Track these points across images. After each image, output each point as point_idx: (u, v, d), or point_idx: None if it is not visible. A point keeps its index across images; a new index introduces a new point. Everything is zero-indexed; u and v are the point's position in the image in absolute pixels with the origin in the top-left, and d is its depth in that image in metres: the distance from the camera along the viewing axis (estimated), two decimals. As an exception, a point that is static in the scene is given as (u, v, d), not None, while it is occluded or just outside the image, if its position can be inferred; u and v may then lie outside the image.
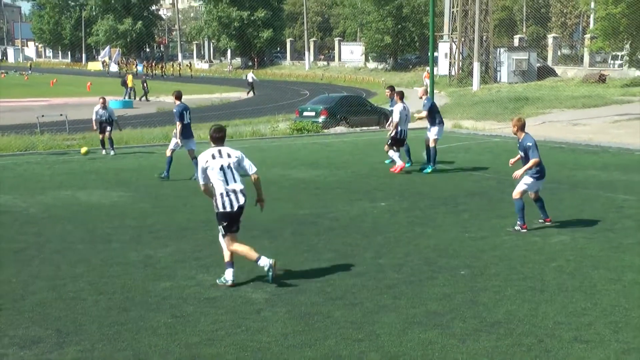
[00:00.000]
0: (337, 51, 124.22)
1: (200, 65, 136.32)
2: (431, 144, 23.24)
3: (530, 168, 15.44)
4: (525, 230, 15.44)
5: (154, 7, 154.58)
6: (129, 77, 72.71)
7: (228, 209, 11.85)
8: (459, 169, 23.87)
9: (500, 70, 79.40)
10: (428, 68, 45.14)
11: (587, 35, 79.05)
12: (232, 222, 11.99)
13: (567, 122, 39.94)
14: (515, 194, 15.63)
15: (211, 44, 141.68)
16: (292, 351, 9.40)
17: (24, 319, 10.71)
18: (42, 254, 14.20)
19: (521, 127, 15.86)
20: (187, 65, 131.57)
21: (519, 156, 15.91)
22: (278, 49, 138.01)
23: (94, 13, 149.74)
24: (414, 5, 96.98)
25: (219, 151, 12.04)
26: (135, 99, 66.31)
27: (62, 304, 11.30)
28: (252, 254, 11.98)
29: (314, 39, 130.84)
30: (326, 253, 14.05)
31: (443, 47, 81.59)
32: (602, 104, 49.87)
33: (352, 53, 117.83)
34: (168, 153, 22.57)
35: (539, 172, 15.64)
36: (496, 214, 17.24)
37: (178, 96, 23.07)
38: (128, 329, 10.24)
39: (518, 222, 15.60)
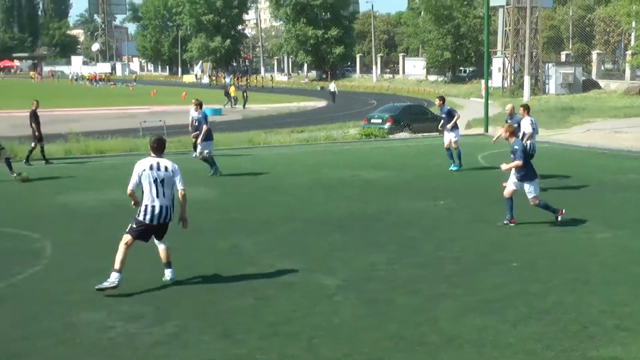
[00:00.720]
0: (401, 65, 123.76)
1: (280, 78, 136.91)
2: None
3: (514, 167, 15.21)
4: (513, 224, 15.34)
5: (240, 27, 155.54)
6: (232, 88, 73.85)
7: (147, 221, 11.10)
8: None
9: (548, 83, 78.42)
10: (491, 81, 44.73)
11: (629, 52, 77.66)
12: (145, 231, 11.25)
13: (610, 130, 39.20)
14: (532, 200, 15.36)
15: (290, 59, 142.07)
16: (362, 332, 9.40)
17: (129, 297, 10.93)
18: (143, 242, 14.38)
19: (512, 133, 15.65)
20: (268, 77, 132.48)
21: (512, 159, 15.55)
22: (349, 63, 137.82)
23: (188, 32, 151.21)
24: (470, 24, 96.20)
25: (158, 163, 11.26)
26: (234, 107, 67.19)
27: (162, 286, 11.47)
28: (119, 264, 11.00)
29: (380, 54, 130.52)
30: (391, 245, 14.01)
31: (496, 62, 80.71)
32: (643, 114, 48.98)
33: (414, 67, 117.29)
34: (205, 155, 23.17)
35: (531, 174, 15.37)
36: (543, 212, 17.00)
37: (199, 104, 24.40)
38: (217, 309, 10.35)
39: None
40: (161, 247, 11.52)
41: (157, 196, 11.08)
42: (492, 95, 65.23)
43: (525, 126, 20.91)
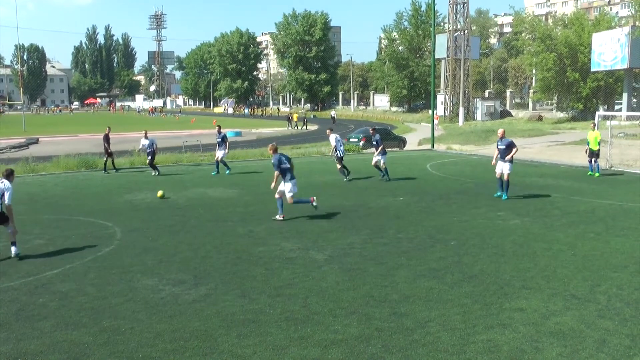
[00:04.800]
0: (371, 99, 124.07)
1: (284, 109, 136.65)
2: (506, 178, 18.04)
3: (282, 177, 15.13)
4: (282, 219, 15.05)
5: (255, 73, 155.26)
6: (295, 115, 73.99)
7: None
8: (450, 176, 23.60)
9: (476, 112, 78.84)
10: (437, 111, 44.73)
11: (531, 90, 78.30)
12: None
13: (519, 146, 39.25)
14: (289, 198, 15.16)
15: (291, 95, 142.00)
16: (342, 293, 9.38)
17: (174, 268, 10.85)
18: (185, 228, 14.35)
19: (274, 150, 15.47)
20: (275, 108, 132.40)
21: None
22: (333, 98, 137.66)
23: (218, 77, 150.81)
24: (421, 70, 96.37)
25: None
26: (296, 128, 67.95)
27: (198, 260, 11.42)
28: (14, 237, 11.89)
29: (357, 91, 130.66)
30: (364, 229, 13.98)
31: (440, 98, 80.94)
32: (540, 135, 49.17)
33: (381, 101, 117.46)
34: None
35: (289, 177, 15.06)
36: (474, 205, 17.02)
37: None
38: (237, 277, 10.30)
39: (279, 214, 15.22)
40: (8, 231, 11.90)
41: None
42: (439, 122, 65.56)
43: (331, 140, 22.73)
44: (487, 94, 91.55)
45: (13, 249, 11.87)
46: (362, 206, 17.16)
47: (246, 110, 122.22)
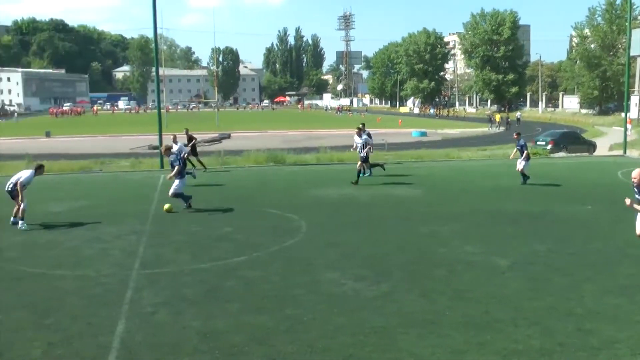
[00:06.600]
0: (560, 101, 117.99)
1: (470, 110, 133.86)
2: None
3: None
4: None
5: (442, 73, 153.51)
6: (497, 116, 74.92)
7: None
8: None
9: (675, 113, 72.40)
10: (630, 114, 41.56)
11: None
12: None
13: None
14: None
15: (477, 95, 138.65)
16: (524, 302, 9.01)
17: (356, 264, 11.07)
18: (368, 225, 14.55)
19: (167, 149, 17.15)
20: (461, 109, 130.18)
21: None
22: (521, 99, 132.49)
23: (404, 77, 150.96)
24: (615, 70, 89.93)
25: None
26: (496, 129, 68.42)
27: (379, 257, 11.56)
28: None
29: (545, 92, 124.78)
30: (549, 238, 13.29)
31: (634, 99, 75.04)
32: None
33: (570, 102, 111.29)
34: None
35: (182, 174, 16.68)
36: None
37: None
38: (419, 276, 10.29)
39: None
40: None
41: None
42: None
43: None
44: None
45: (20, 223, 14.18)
46: (548, 213, 16.33)
47: (432, 111, 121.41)
